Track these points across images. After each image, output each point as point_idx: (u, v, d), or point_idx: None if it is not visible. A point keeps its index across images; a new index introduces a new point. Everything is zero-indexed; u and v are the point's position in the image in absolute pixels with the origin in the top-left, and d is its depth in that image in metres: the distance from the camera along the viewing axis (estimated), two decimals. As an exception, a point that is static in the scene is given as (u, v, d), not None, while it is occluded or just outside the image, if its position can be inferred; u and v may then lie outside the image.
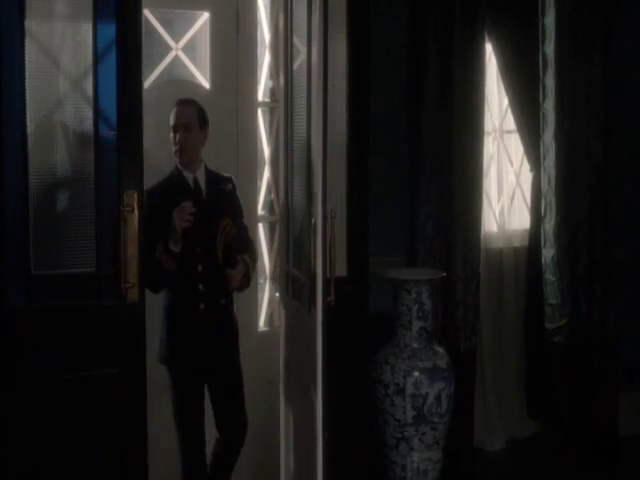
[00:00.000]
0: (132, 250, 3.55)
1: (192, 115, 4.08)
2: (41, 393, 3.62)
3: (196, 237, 4.01)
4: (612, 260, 5.39)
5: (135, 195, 3.53)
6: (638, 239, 5.69)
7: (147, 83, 4.32)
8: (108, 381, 3.65)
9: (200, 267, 4.07)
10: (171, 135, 4.10)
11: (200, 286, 4.07)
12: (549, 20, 5.23)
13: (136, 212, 3.52)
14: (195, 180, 4.15)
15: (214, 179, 4.20)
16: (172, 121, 4.09)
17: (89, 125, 3.70)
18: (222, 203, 4.16)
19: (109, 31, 3.74)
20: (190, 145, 4.09)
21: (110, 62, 3.73)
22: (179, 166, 4.12)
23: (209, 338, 4.10)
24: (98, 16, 3.69)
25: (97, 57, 3.70)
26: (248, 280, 4.22)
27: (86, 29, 3.69)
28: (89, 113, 3.70)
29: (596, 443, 5.32)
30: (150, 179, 3.93)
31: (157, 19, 4.50)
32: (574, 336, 5.33)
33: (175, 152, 4.10)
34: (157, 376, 4.06)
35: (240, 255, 4.14)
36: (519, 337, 5.60)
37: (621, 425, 5.34)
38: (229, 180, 4.27)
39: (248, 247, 4.26)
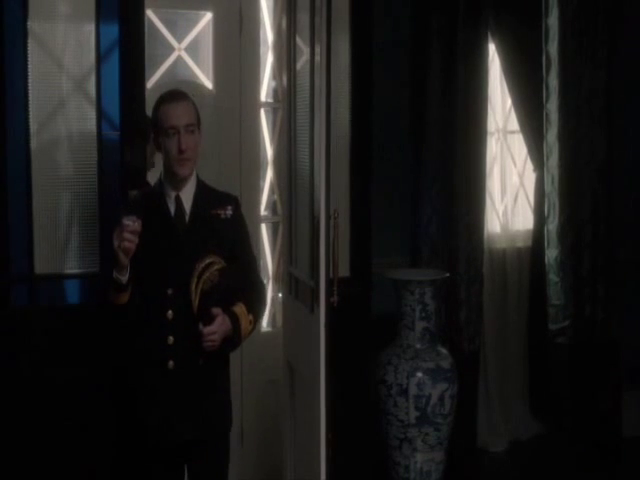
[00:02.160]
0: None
1: (192, 113, 3.25)
2: (44, 393, 3.63)
3: (168, 274, 3.19)
4: (616, 261, 5.38)
5: (138, 195, 3.53)
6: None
7: (150, 83, 4.31)
8: (111, 382, 3.66)
9: (170, 313, 3.18)
10: (164, 140, 3.20)
11: (170, 338, 3.19)
12: (552, 20, 5.22)
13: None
14: (177, 200, 3.25)
15: (207, 199, 3.31)
16: (167, 122, 3.19)
17: (92, 125, 3.71)
18: (210, 233, 3.25)
19: (112, 32, 3.75)
20: (194, 152, 3.25)
21: (113, 63, 3.74)
22: (163, 180, 3.28)
23: (180, 407, 3.22)
24: (101, 17, 3.70)
25: (100, 58, 3.71)
26: (236, 340, 3.27)
27: (89, 30, 3.70)
28: (92, 113, 3.71)
29: (600, 444, 5.31)
30: (151, 181, 3.92)
31: (160, 19, 4.49)
32: (578, 337, 5.32)
33: (175, 163, 3.20)
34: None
35: (230, 307, 3.23)
36: (522, 338, 5.59)
37: (625, 426, 5.33)
38: (231, 202, 3.36)
39: (249, 295, 3.34)
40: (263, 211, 4.82)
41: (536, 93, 5.28)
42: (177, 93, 3.30)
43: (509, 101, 5.44)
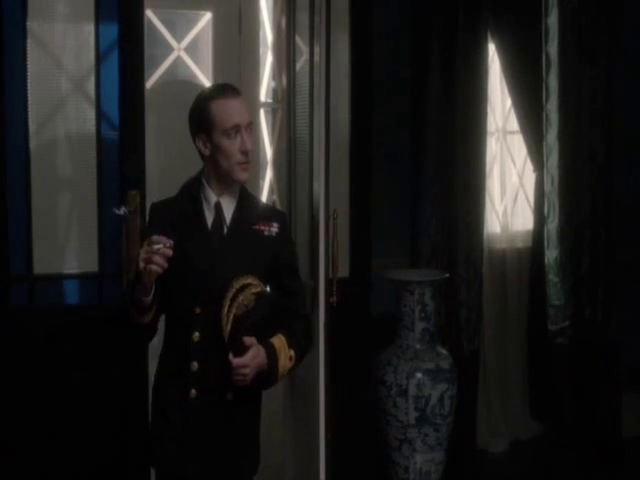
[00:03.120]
0: (134, 251, 3.54)
1: (249, 110, 2.85)
2: (43, 394, 3.62)
3: (197, 290, 2.77)
4: (615, 261, 5.38)
5: (137, 195, 3.53)
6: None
7: (149, 83, 4.30)
8: (109, 383, 3.66)
9: (197, 336, 2.76)
10: (222, 141, 2.75)
11: (194, 364, 2.76)
12: (552, 20, 5.21)
13: (138, 212, 3.52)
14: (217, 207, 2.83)
15: (251, 211, 2.88)
16: (229, 120, 2.75)
17: (91, 125, 3.71)
18: (251, 250, 2.81)
19: (111, 32, 3.75)
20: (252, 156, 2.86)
21: (112, 63, 3.74)
22: (203, 181, 2.84)
23: (197, 445, 2.80)
24: (100, 17, 3.71)
25: (99, 58, 3.72)
26: (272, 377, 2.81)
27: (88, 30, 3.71)
28: (91, 114, 3.71)
29: (600, 444, 5.30)
30: (151, 182, 3.91)
31: (159, 19, 4.48)
32: (577, 337, 5.31)
33: (236, 167, 2.77)
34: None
35: (268, 338, 2.78)
36: (522, 338, 5.58)
37: (625, 426, 5.33)
38: (277, 218, 2.93)
39: (292, 327, 2.88)
40: (262, 211, 4.81)
41: (536, 93, 5.27)
42: (232, 88, 2.84)
43: (509, 101, 5.44)
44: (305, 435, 3.96)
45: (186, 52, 4.57)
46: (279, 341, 2.81)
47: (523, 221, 5.65)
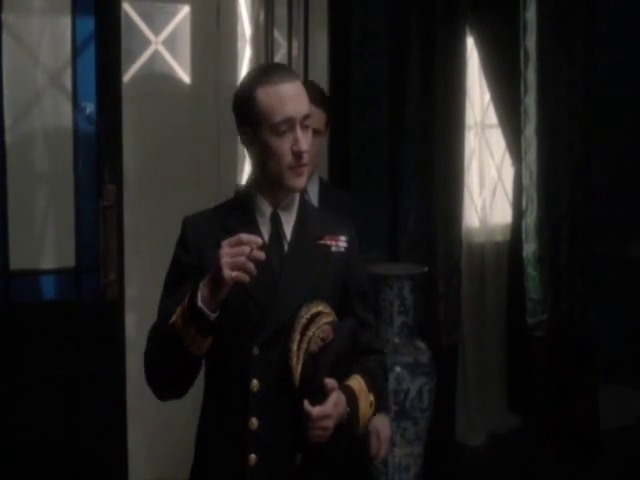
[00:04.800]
0: (112, 246, 3.53)
1: (307, 98, 2.24)
2: (21, 391, 3.60)
3: (255, 326, 2.20)
4: (593, 255, 5.40)
5: (114, 190, 3.51)
6: (620, 234, 5.70)
7: (127, 77, 4.28)
8: (87, 379, 3.64)
9: (256, 384, 2.18)
10: (270, 139, 2.17)
11: (253, 421, 2.18)
12: (530, 15, 5.22)
13: (115, 207, 3.51)
14: (275, 219, 2.26)
15: (314, 222, 2.32)
16: (278, 112, 2.16)
17: (68, 120, 3.68)
18: (318, 270, 2.27)
19: (88, 25, 3.72)
20: (311, 155, 2.32)
21: (89, 56, 3.72)
22: (254, 188, 2.26)
23: None
24: (77, 9, 3.68)
25: (76, 51, 3.68)
26: (353, 428, 2.24)
27: (65, 23, 3.67)
28: (68, 107, 3.68)
29: (577, 437, 5.33)
30: (128, 177, 3.88)
31: (137, 12, 4.45)
32: (555, 330, 5.33)
33: (288, 172, 2.18)
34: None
35: (343, 380, 2.23)
36: (500, 331, 5.60)
37: (602, 419, 5.36)
38: (344, 229, 2.36)
39: (368, 365, 2.37)
40: (241, 205, 4.80)
41: (514, 88, 5.27)
42: (284, 68, 2.29)
43: (487, 95, 5.45)
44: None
45: (164, 46, 4.55)
46: (357, 383, 2.27)
47: (502, 215, 5.67)
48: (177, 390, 2.23)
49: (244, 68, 4.73)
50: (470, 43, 5.22)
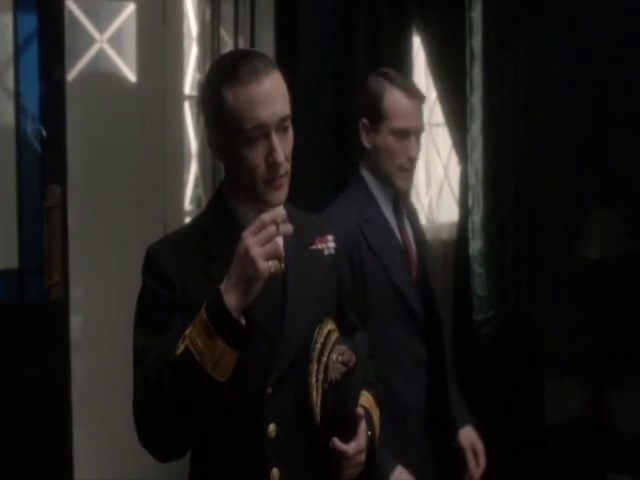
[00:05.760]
0: (56, 247, 3.48)
1: (286, 94, 2.03)
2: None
3: (264, 360, 1.88)
4: (538, 252, 5.47)
5: (58, 190, 3.47)
6: (564, 231, 5.77)
7: (71, 76, 4.23)
8: (31, 381, 3.59)
9: (273, 429, 1.87)
10: (241, 147, 1.88)
11: (274, 472, 1.87)
12: (476, 14, 5.26)
13: (59, 208, 3.47)
14: None
15: (302, 226, 1.99)
16: (250, 117, 1.87)
17: (10, 119, 3.63)
18: (317, 281, 1.99)
19: (30, 22, 3.66)
20: (289, 162, 2.05)
21: (32, 54, 3.66)
22: (232, 195, 1.97)
23: None
24: (18, 7, 3.62)
25: (18, 49, 3.62)
26: (370, 455, 1.94)
27: (6, 20, 3.61)
28: (10, 107, 3.62)
29: (523, 431, 5.39)
30: (73, 177, 3.83)
31: (81, 10, 4.40)
32: (502, 327, 5.39)
33: (262, 185, 1.90)
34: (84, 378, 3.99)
35: (361, 406, 1.93)
36: (448, 329, 5.61)
37: (547, 414, 5.43)
38: (329, 227, 2.13)
39: (367, 376, 2.02)
40: (188, 205, 4.77)
41: (460, 87, 5.32)
42: (255, 59, 1.91)
43: (434, 94, 5.48)
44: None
45: (109, 44, 4.50)
46: (367, 400, 1.98)
47: (448, 213, 5.71)
48: (192, 440, 1.85)
49: (191, 66, 4.71)
50: (417, 42, 5.25)
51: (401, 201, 2.95)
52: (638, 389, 5.37)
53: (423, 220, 5.56)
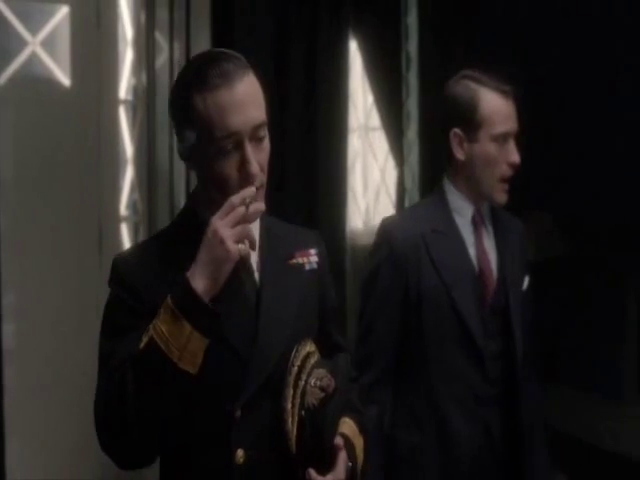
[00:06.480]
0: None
1: (261, 99, 1.95)
2: None
3: (234, 382, 1.76)
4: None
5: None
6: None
7: (2, 80, 4.16)
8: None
9: (241, 455, 1.75)
10: (215, 158, 1.79)
11: None
12: (411, 19, 5.30)
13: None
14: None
15: (281, 239, 1.94)
16: (222, 126, 1.77)
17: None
18: (297, 299, 1.87)
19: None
20: (265, 174, 1.92)
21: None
22: (207, 214, 1.76)
23: None
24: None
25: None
26: None
27: None
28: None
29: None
30: (5, 181, 3.77)
31: (12, 11, 4.33)
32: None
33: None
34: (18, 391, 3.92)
35: (341, 429, 1.82)
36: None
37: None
38: (312, 240, 2.05)
39: (352, 401, 1.91)
40: (124, 211, 4.72)
41: (396, 91, 5.35)
42: (225, 62, 1.83)
43: (370, 98, 5.51)
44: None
45: (42, 47, 4.44)
46: (349, 428, 1.84)
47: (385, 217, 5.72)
48: (155, 446, 1.71)
49: (126, 70, 4.67)
50: (353, 46, 5.28)
51: (497, 218, 2.69)
52: (568, 386, 5.45)
53: (359, 224, 5.61)
